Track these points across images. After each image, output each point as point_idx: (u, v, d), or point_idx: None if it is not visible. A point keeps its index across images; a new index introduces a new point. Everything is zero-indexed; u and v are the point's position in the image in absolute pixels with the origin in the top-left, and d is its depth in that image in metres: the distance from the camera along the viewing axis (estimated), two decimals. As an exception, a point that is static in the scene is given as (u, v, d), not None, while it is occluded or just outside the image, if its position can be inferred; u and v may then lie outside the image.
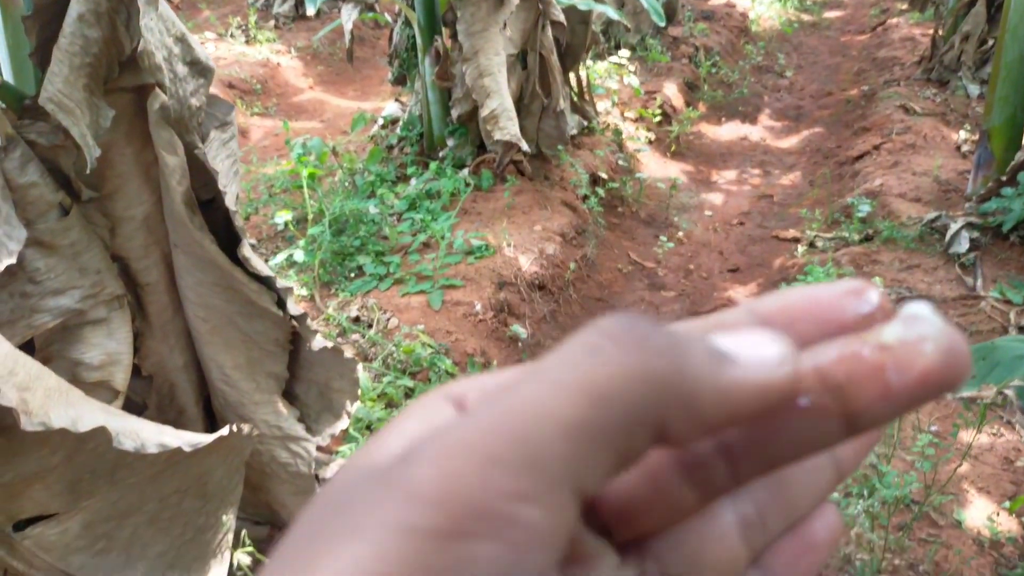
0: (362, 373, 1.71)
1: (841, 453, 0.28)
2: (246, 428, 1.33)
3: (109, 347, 1.29)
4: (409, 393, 2.45)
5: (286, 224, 3.28)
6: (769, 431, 0.24)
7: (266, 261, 2.69)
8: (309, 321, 1.47)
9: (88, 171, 1.13)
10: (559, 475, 0.21)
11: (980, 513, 2.09)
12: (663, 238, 3.96)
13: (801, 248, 3.67)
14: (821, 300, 0.25)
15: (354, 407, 1.63)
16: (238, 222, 1.29)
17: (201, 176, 1.33)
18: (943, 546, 1.92)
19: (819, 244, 3.67)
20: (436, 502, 0.20)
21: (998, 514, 2.10)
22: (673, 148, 5.03)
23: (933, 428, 2.29)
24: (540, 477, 0.21)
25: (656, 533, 0.27)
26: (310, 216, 3.21)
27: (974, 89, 5.09)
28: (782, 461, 0.25)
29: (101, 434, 1.01)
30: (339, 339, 2.67)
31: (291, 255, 3.04)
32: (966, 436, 2.21)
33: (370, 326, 2.73)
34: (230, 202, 1.24)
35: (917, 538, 1.97)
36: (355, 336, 2.69)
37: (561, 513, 0.21)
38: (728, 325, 0.25)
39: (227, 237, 1.38)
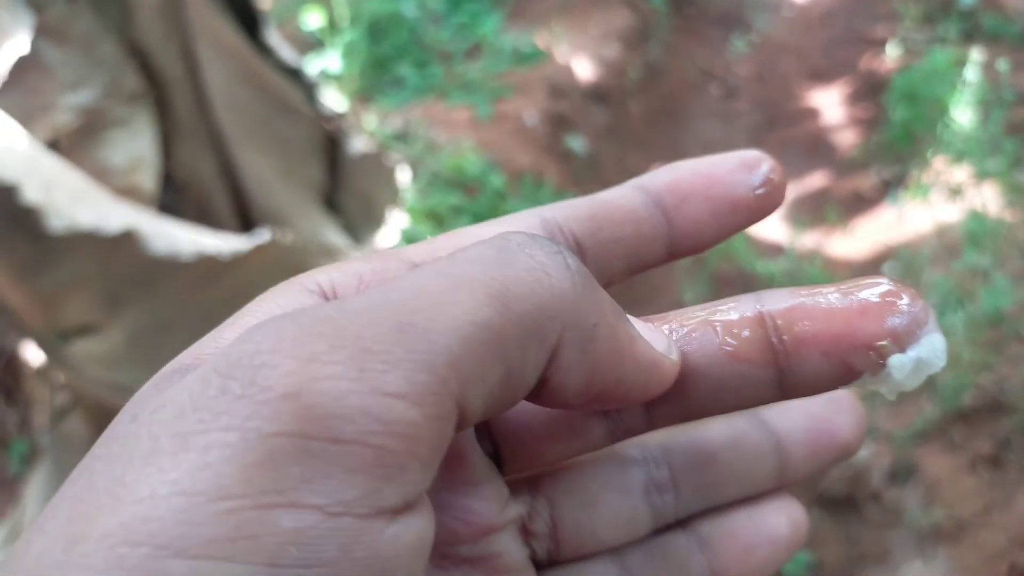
0: (409, 182, 1.68)
1: (791, 450, 0.28)
2: (288, 237, 1.33)
3: (135, 149, 1.27)
4: (458, 210, 2.44)
5: (318, 30, 3.18)
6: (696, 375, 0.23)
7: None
8: (346, 125, 1.43)
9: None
10: (444, 376, 0.18)
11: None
12: (737, 41, 3.75)
13: (891, 48, 3.45)
14: (711, 175, 0.25)
15: (397, 215, 1.62)
16: (259, 4, 1.22)
17: (218, -47, 1.25)
18: (1034, 365, 1.89)
19: (910, 44, 3.44)
20: (291, 398, 0.16)
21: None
22: (749, -64, 4.67)
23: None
24: (423, 375, 0.17)
25: (550, 469, 0.26)
26: (344, 21, 3.10)
27: None
28: (704, 409, 0.24)
29: (134, 236, 1.00)
30: (381, 154, 2.65)
31: (325, 66, 2.96)
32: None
33: (414, 140, 2.69)
34: (251, -21, 1.17)
35: (1005, 356, 1.94)
36: (398, 151, 2.65)
37: (440, 423, 0.18)
38: (616, 201, 0.25)
39: (252, 28, 1.32)
